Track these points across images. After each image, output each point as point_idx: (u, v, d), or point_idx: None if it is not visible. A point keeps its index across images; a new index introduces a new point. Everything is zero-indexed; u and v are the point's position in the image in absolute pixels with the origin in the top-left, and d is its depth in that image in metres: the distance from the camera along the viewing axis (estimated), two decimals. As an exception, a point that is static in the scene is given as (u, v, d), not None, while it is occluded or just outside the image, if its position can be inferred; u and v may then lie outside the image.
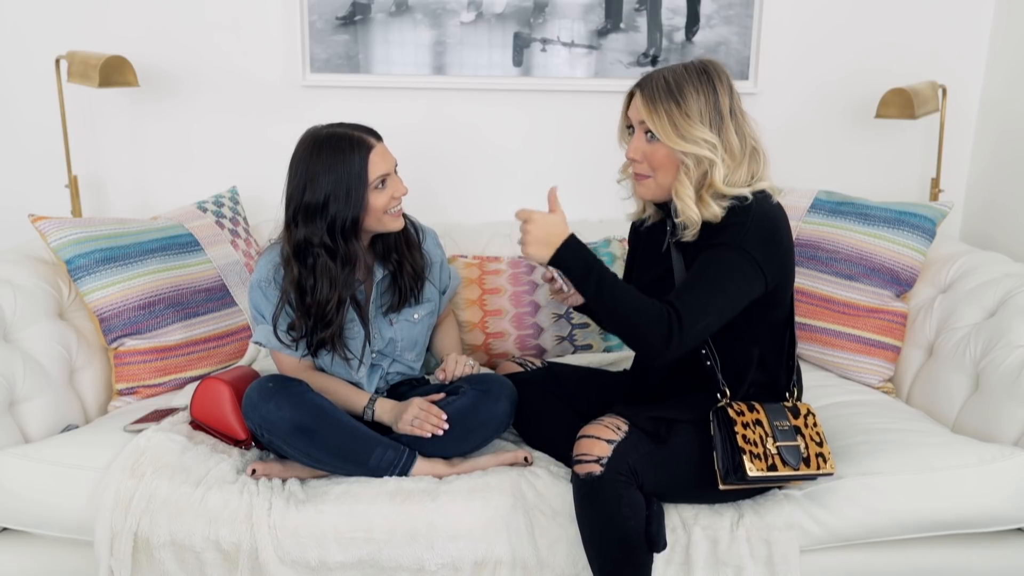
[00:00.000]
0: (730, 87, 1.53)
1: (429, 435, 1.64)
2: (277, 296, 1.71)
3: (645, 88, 1.51)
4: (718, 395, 1.55)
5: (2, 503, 1.63)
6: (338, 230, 1.63)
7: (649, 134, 1.51)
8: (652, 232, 1.68)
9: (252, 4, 2.37)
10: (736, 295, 1.46)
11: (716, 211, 1.48)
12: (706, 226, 1.51)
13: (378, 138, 1.69)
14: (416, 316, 1.84)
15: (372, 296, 1.79)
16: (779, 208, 1.53)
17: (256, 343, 1.80)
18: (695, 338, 1.43)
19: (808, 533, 1.60)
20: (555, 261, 1.46)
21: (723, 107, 1.50)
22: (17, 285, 1.93)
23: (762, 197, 1.51)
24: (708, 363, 1.56)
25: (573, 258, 1.46)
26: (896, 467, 1.62)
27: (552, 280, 1.64)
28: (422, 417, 1.65)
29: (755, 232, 1.47)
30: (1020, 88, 2.36)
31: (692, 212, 1.50)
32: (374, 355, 1.81)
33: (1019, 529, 1.70)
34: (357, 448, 1.62)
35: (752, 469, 1.46)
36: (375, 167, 1.64)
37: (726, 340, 1.54)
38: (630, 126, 1.57)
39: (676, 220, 1.54)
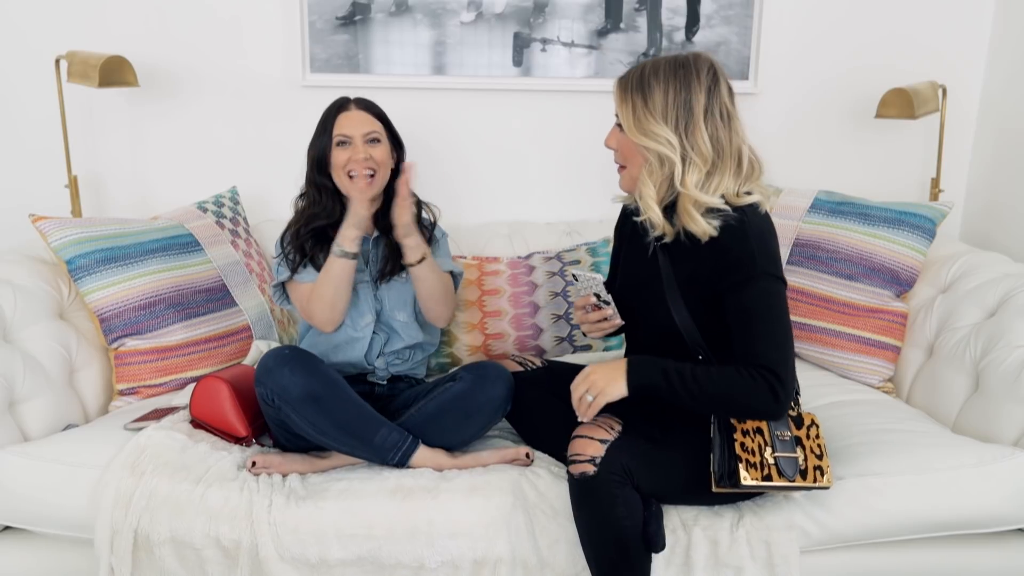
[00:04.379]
0: (711, 87, 1.47)
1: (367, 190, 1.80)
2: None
3: (621, 78, 1.52)
4: None
5: (3, 501, 1.63)
6: (315, 167, 1.87)
7: (620, 124, 1.52)
8: (637, 229, 1.66)
9: (252, 4, 2.38)
10: (788, 317, 1.47)
11: (705, 227, 1.46)
12: (710, 252, 1.48)
13: (364, 108, 1.88)
14: (404, 275, 1.90)
15: (371, 257, 1.92)
16: (767, 217, 1.52)
17: (274, 287, 1.91)
18: (793, 380, 1.46)
19: (808, 534, 1.60)
20: (634, 383, 1.47)
21: (695, 105, 1.46)
22: (17, 285, 1.93)
23: (750, 211, 1.49)
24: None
25: (647, 369, 1.47)
26: (896, 467, 1.62)
27: (596, 307, 1.63)
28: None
29: (762, 251, 1.46)
30: (1020, 88, 2.37)
31: (654, 213, 1.49)
32: (376, 323, 1.89)
33: (1019, 529, 1.70)
34: (363, 424, 1.65)
35: (747, 478, 1.45)
36: (339, 126, 1.85)
37: (723, 348, 1.52)
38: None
39: (636, 220, 1.55)
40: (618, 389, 1.48)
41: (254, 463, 1.64)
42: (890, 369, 2.11)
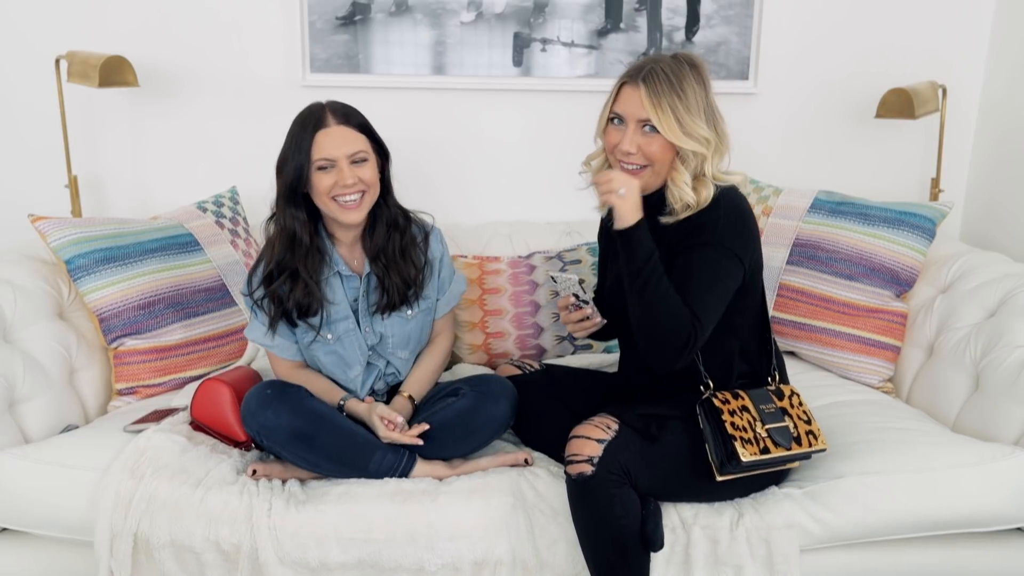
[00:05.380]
0: (709, 81, 1.57)
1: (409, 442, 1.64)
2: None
3: (648, 81, 1.51)
4: (701, 387, 1.56)
5: (2, 503, 1.63)
6: (288, 196, 1.66)
7: (647, 127, 1.52)
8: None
9: (252, 4, 2.37)
10: (725, 292, 1.51)
11: (708, 194, 1.53)
12: (680, 224, 1.54)
13: (345, 121, 1.66)
14: (409, 313, 1.80)
15: (363, 288, 1.77)
16: (744, 199, 1.58)
17: (247, 336, 1.79)
18: (703, 341, 1.48)
19: (808, 532, 1.60)
20: (634, 228, 1.48)
21: (711, 99, 1.54)
22: (17, 285, 1.93)
23: (731, 190, 1.55)
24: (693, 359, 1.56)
25: (647, 240, 1.49)
26: (896, 466, 1.62)
27: (577, 307, 1.62)
28: (394, 437, 1.63)
29: (728, 225, 1.51)
30: (1020, 88, 2.36)
31: (688, 196, 1.53)
32: (370, 353, 1.79)
33: (1019, 529, 1.70)
34: (356, 453, 1.62)
35: (745, 454, 1.47)
36: (319, 147, 1.63)
37: (708, 337, 1.53)
38: (613, 118, 1.57)
39: (668, 206, 1.55)
40: (631, 215, 1.49)
41: (254, 471, 1.63)
42: (890, 369, 2.11)
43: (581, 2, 2.40)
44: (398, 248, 1.76)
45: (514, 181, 2.54)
